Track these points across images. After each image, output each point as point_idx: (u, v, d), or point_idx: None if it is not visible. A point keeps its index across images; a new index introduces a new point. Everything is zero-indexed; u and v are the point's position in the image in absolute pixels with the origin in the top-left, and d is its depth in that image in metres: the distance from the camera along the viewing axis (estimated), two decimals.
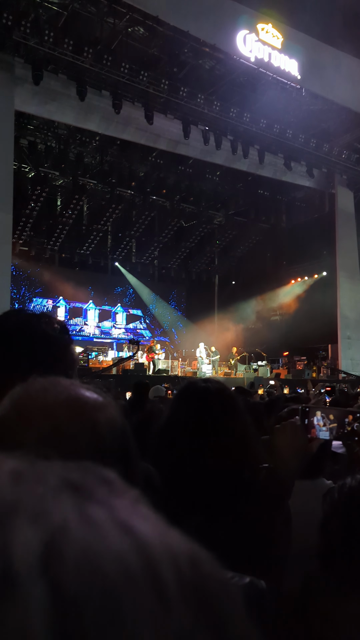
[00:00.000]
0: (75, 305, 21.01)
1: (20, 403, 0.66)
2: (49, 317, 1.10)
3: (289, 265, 22.24)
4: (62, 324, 1.11)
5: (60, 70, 13.66)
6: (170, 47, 14.37)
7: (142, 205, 20.05)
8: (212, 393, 1.37)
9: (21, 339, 1.00)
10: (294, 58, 15.90)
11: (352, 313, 19.31)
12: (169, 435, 1.35)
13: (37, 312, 1.13)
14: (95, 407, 0.68)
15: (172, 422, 1.38)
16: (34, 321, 1.05)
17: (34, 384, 0.69)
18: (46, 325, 1.05)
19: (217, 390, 1.38)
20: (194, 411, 1.34)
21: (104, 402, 0.70)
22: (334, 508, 1.06)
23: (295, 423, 1.48)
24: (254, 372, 17.09)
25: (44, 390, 0.67)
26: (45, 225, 19.51)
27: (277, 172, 18.41)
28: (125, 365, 15.26)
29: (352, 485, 1.07)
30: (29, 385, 0.68)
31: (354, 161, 18.16)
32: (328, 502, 1.09)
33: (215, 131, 15.78)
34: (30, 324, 1.04)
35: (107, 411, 0.69)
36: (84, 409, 0.67)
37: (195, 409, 1.34)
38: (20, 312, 1.13)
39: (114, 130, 15.51)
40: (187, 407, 1.36)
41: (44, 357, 0.97)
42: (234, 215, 22.20)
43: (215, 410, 1.33)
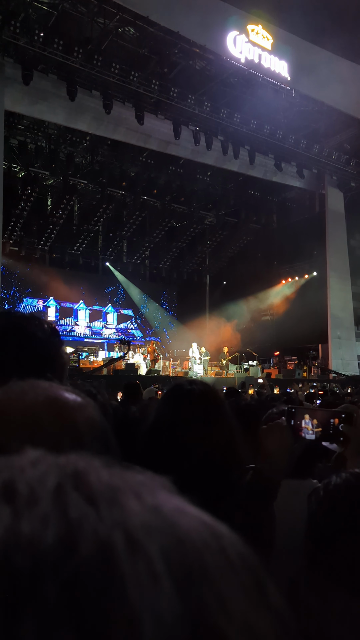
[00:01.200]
0: (66, 306, 20.95)
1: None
2: (39, 319, 1.09)
3: (280, 266, 22.32)
4: (52, 326, 1.11)
5: (50, 70, 13.62)
6: (161, 47, 14.38)
7: (133, 206, 20.04)
8: (197, 395, 1.37)
9: (11, 341, 0.99)
10: (284, 59, 15.97)
11: (343, 313, 19.43)
12: (154, 437, 1.36)
13: (27, 314, 1.13)
14: (73, 408, 0.68)
15: (157, 424, 1.38)
16: (24, 323, 1.05)
17: (12, 386, 0.69)
18: (36, 328, 1.05)
19: (202, 393, 1.38)
20: (179, 413, 1.34)
21: (82, 402, 0.70)
22: (320, 505, 1.08)
23: (281, 423, 1.50)
24: (245, 372, 17.11)
25: (22, 393, 0.68)
26: (36, 225, 19.43)
27: (267, 172, 18.48)
28: (116, 365, 15.23)
29: (337, 483, 1.08)
30: (7, 388, 0.68)
31: (343, 162, 18.27)
32: (314, 500, 1.10)
33: (205, 132, 15.81)
34: (20, 326, 1.03)
35: (85, 411, 0.69)
36: (62, 409, 0.67)
37: (180, 411, 1.34)
38: (10, 313, 1.12)
39: (105, 130, 15.49)
40: (173, 409, 1.36)
41: (33, 360, 0.97)
42: (224, 216, 22.24)
43: (199, 412, 1.33)
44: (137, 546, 0.23)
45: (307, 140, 17.19)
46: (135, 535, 0.23)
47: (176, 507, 0.26)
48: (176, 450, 1.27)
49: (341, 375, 17.32)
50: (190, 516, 0.26)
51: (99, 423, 0.70)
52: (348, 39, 17.53)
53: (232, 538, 0.27)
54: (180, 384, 1.43)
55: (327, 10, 17.47)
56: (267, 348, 20.51)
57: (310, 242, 20.31)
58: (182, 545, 0.24)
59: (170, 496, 0.27)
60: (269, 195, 22.08)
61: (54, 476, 0.26)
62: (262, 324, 22.02)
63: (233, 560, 0.25)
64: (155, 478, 0.29)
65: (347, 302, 19.65)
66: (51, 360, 1.02)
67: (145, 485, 0.27)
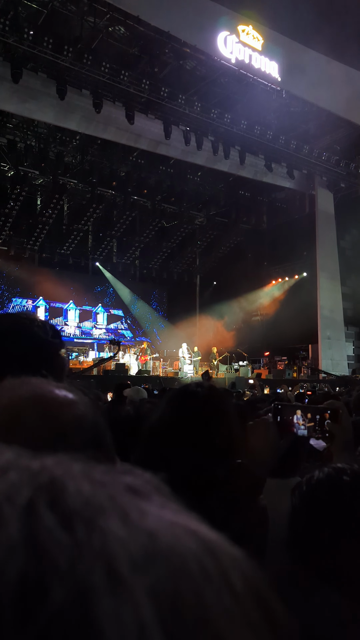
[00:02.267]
0: (56, 306, 20.86)
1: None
2: (42, 321, 1.11)
3: (270, 266, 22.39)
4: (53, 329, 1.13)
5: (40, 69, 13.55)
6: (151, 47, 14.35)
7: (123, 205, 19.99)
8: (204, 397, 1.38)
9: (13, 342, 1.00)
10: (275, 60, 16.02)
11: (332, 313, 19.52)
12: (156, 437, 1.36)
13: (31, 315, 1.15)
14: (61, 404, 0.67)
15: (162, 424, 1.39)
16: (27, 324, 1.06)
17: (3, 384, 0.69)
18: (38, 329, 1.06)
19: (208, 396, 1.39)
20: (185, 415, 1.35)
21: (72, 399, 0.70)
22: (302, 500, 1.08)
23: (266, 420, 1.49)
24: (235, 372, 17.15)
25: (11, 389, 0.67)
26: (25, 225, 19.32)
27: (257, 173, 18.52)
28: (106, 366, 15.19)
29: (319, 477, 1.08)
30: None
31: (333, 163, 18.36)
32: (297, 495, 1.10)
33: (196, 132, 15.81)
34: (23, 327, 1.05)
35: (74, 408, 0.68)
36: (48, 405, 0.66)
37: (184, 413, 1.35)
38: (13, 315, 1.14)
39: (95, 130, 15.42)
40: (179, 411, 1.37)
41: (34, 361, 0.98)
42: (215, 216, 22.27)
43: (205, 414, 1.34)
44: (122, 587, 0.19)
45: (297, 140, 17.25)
46: (119, 571, 0.19)
47: (168, 525, 0.22)
48: (178, 450, 1.27)
49: (331, 376, 17.39)
50: (184, 535, 0.22)
51: (90, 419, 0.69)
52: (338, 41, 17.62)
53: (232, 555, 0.23)
54: (187, 386, 1.46)
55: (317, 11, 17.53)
56: (257, 348, 20.56)
57: (300, 242, 20.39)
58: (176, 582, 0.20)
59: (162, 507, 0.24)
60: (259, 195, 22.14)
61: (26, 489, 0.22)
62: (252, 324, 22.06)
63: (237, 590, 0.22)
64: (146, 480, 0.26)
65: (336, 302, 19.74)
66: (50, 360, 1.04)
67: (133, 493, 0.24)
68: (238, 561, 0.23)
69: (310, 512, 1.04)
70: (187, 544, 0.22)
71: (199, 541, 0.22)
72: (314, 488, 1.07)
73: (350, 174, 19.09)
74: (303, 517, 1.05)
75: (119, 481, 0.25)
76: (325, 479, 1.07)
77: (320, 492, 1.06)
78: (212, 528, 0.23)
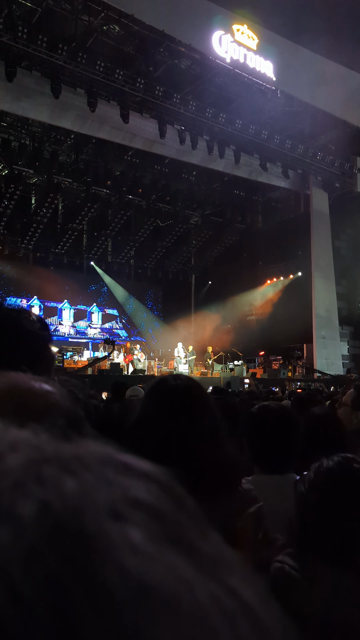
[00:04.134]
0: (50, 305, 20.80)
1: None
2: (29, 313, 1.09)
3: (265, 266, 22.40)
4: (41, 321, 1.11)
5: (34, 67, 13.50)
6: (146, 46, 14.33)
7: (117, 205, 19.95)
8: (182, 390, 1.36)
9: (0, 334, 0.99)
10: (269, 59, 16.02)
11: (327, 313, 19.55)
12: (138, 432, 1.35)
13: (18, 307, 1.13)
14: (35, 394, 0.66)
15: (142, 418, 1.38)
16: (14, 316, 1.05)
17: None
18: (26, 321, 1.05)
19: (186, 388, 1.37)
20: (163, 408, 1.33)
21: (47, 389, 0.68)
22: (312, 487, 1.09)
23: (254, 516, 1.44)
24: (230, 371, 17.15)
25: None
26: (20, 224, 19.26)
27: (252, 172, 18.53)
28: (101, 365, 15.16)
29: (329, 466, 1.10)
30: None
31: (328, 162, 18.39)
32: (305, 482, 1.11)
33: (191, 131, 15.79)
34: (10, 319, 1.03)
35: (49, 397, 0.67)
36: (23, 395, 0.65)
37: (165, 406, 1.33)
38: (1, 306, 1.12)
39: (89, 129, 15.38)
40: (157, 404, 1.36)
41: (22, 353, 0.97)
42: (210, 216, 22.26)
43: (184, 407, 1.33)
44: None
45: (292, 140, 17.27)
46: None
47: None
48: (160, 444, 1.26)
49: (326, 375, 17.43)
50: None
51: (65, 408, 0.67)
52: (333, 41, 17.70)
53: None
54: (164, 379, 1.43)
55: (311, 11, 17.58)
56: (252, 348, 20.57)
57: (295, 242, 20.41)
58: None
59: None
60: (254, 195, 22.15)
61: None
62: (247, 323, 22.08)
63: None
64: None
65: (331, 302, 19.78)
66: (38, 352, 1.02)
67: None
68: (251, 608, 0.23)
69: (322, 499, 1.05)
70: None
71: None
72: (325, 476, 1.09)
73: (345, 173, 19.13)
74: (313, 505, 1.06)
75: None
76: (336, 467, 1.09)
77: (332, 479, 1.07)
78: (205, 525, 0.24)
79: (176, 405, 1.33)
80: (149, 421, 1.35)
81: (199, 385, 1.44)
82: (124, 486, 0.23)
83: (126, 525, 0.21)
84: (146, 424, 1.34)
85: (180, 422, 1.29)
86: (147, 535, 0.21)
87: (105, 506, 0.21)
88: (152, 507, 0.23)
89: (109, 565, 0.19)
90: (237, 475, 1.35)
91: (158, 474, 0.25)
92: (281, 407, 2.13)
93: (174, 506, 0.24)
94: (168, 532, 0.22)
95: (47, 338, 1.09)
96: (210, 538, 0.24)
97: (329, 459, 1.12)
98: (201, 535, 0.24)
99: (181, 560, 0.21)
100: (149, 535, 0.21)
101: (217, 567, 0.22)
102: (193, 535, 0.23)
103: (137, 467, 0.25)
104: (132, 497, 0.23)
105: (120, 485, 0.23)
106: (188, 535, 0.23)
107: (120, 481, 0.23)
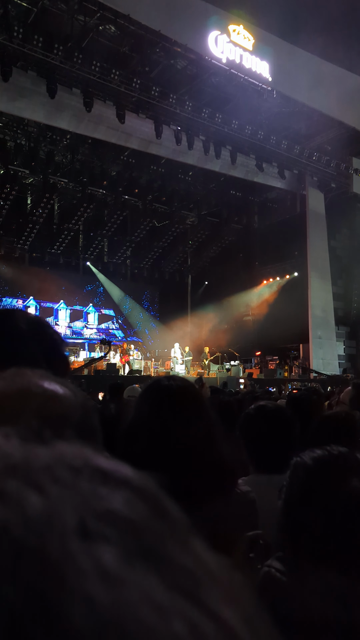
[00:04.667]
0: (46, 305, 20.74)
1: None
2: (47, 322, 1.16)
3: (261, 266, 22.42)
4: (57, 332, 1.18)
5: (30, 67, 13.47)
6: (142, 46, 14.32)
7: (113, 205, 19.93)
8: (175, 391, 1.35)
9: (37, 339, 1.02)
10: (265, 60, 16.04)
11: (323, 313, 19.59)
12: (133, 433, 1.34)
13: (40, 317, 1.20)
14: (48, 398, 0.65)
15: (136, 419, 1.37)
16: (43, 322, 1.12)
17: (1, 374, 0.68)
18: (51, 329, 1.12)
19: (180, 389, 1.37)
20: (157, 409, 1.32)
21: (59, 393, 0.67)
22: (291, 481, 1.09)
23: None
24: (227, 372, 17.15)
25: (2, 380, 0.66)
26: (15, 224, 19.20)
27: (249, 173, 18.54)
28: (97, 365, 15.13)
29: (306, 458, 1.10)
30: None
31: (324, 163, 18.42)
32: (300, 469, 1.11)
33: (187, 131, 15.79)
34: (42, 326, 1.09)
35: (60, 402, 0.66)
36: (31, 398, 0.64)
37: (158, 406, 1.33)
38: (27, 313, 1.15)
39: (85, 129, 15.36)
40: (151, 405, 1.35)
41: (53, 358, 1.01)
42: (206, 216, 22.26)
43: (177, 407, 1.32)
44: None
45: (288, 141, 17.29)
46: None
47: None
48: (155, 446, 1.25)
49: (322, 375, 17.45)
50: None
51: (79, 415, 0.67)
52: (328, 41, 17.73)
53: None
54: (158, 380, 1.43)
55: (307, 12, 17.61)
56: (249, 348, 20.58)
57: (292, 242, 20.44)
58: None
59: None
60: (250, 195, 22.17)
61: None
62: (244, 324, 22.08)
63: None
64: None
65: (327, 302, 19.81)
66: (56, 353, 1.06)
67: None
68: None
69: (301, 493, 1.05)
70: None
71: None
72: (302, 469, 1.08)
73: (341, 174, 19.16)
74: (294, 501, 1.06)
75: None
76: (313, 459, 1.08)
77: (308, 471, 1.07)
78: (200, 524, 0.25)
79: (170, 406, 1.32)
80: (142, 422, 1.34)
81: (193, 386, 1.44)
82: (98, 497, 0.21)
83: (96, 544, 0.19)
84: (140, 425, 1.34)
85: (174, 423, 1.29)
86: (119, 554, 0.19)
87: (72, 524, 0.19)
88: (128, 519, 0.21)
89: (73, 596, 0.17)
90: (232, 476, 1.34)
91: (138, 480, 0.24)
92: (278, 407, 2.13)
93: (154, 516, 0.22)
94: (144, 547, 0.20)
95: (64, 344, 1.13)
96: (193, 549, 0.22)
97: (308, 453, 1.11)
98: (182, 547, 0.22)
99: (157, 582, 0.19)
100: (122, 554, 0.19)
101: (198, 585, 0.20)
102: (173, 548, 0.21)
103: (114, 474, 0.23)
104: (105, 509, 0.21)
105: (93, 497, 0.21)
106: (167, 548, 0.21)
107: (93, 492, 0.22)
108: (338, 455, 1.07)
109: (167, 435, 1.26)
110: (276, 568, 1.03)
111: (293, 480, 1.08)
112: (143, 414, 1.36)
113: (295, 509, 1.04)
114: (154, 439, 1.27)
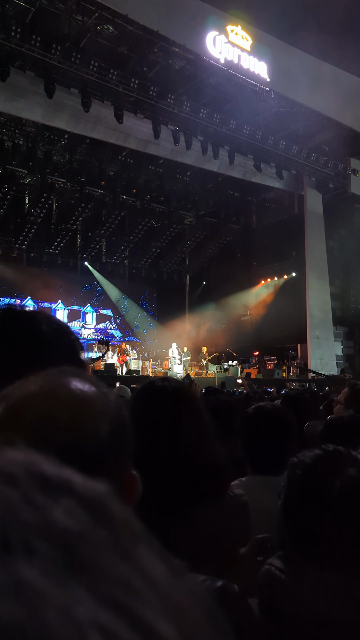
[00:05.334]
0: (44, 306, 20.70)
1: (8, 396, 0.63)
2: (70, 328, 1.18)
3: (259, 266, 22.43)
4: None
5: (27, 67, 13.45)
6: (140, 46, 14.32)
7: (112, 205, 19.92)
8: (169, 392, 1.35)
9: (59, 344, 1.03)
10: (263, 60, 16.04)
11: (321, 313, 19.61)
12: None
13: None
14: (83, 402, 0.64)
15: (132, 422, 1.37)
16: (67, 328, 1.13)
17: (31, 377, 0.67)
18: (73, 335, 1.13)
19: (174, 390, 1.36)
20: (150, 410, 1.32)
21: (95, 396, 0.67)
22: (289, 481, 1.10)
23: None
24: (225, 372, 17.16)
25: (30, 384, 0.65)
26: (13, 224, 19.19)
27: (247, 173, 18.55)
28: (95, 365, 15.12)
29: (303, 457, 1.11)
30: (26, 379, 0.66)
31: (322, 163, 18.43)
32: (289, 473, 1.11)
33: (185, 131, 15.79)
34: (64, 331, 1.10)
35: (96, 406, 0.66)
36: (67, 403, 0.63)
37: (152, 408, 1.33)
38: (50, 316, 1.17)
39: (83, 129, 15.35)
40: (144, 406, 1.34)
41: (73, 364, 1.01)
42: (204, 216, 22.26)
43: (170, 409, 1.32)
44: None
45: (286, 141, 17.29)
46: None
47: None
48: (148, 447, 1.25)
49: (320, 375, 17.47)
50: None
51: (116, 421, 0.70)
52: (327, 42, 17.77)
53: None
54: (152, 381, 1.43)
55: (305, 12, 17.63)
56: (247, 348, 20.59)
57: (290, 242, 20.45)
58: None
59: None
60: (248, 195, 22.18)
61: None
62: (242, 324, 22.08)
63: None
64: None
65: (325, 302, 19.84)
66: (80, 365, 1.09)
67: None
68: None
69: (299, 492, 1.06)
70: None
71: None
72: (300, 468, 1.09)
73: (339, 174, 19.18)
74: (292, 500, 1.07)
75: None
76: (311, 457, 1.09)
77: (305, 472, 1.07)
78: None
79: (163, 407, 1.32)
80: (136, 423, 1.34)
81: (187, 387, 1.44)
82: (32, 507, 0.20)
83: (19, 559, 0.18)
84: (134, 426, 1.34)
85: (167, 424, 1.28)
86: (44, 567, 0.18)
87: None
88: (62, 530, 0.20)
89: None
90: (225, 479, 1.34)
91: (83, 488, 0.23)
92: (276, 408, 2.13)
93: (95, 525, 0.21)
94: (76, 559, 0.19)
95: (82, 346, 1.14)
96: (136, 558, 0.21)
97: (303, 452, 1.12)
98: (122, 557, 0.20)
99: (83, 596, 0.18)
100: (48, 567, 0.18)
101: (133, 597, 0.19)
102: (109, 558, 0.20)
103: (59, 481, 0.22)
104: (36, 520, 0.20)
105: (25, 507, 0.20)
106: (102, 559, 0.20)
107: (28, 501, 0.20)
108: (334, 451, 1.08)
109: (160, 436, 1.26)
110: (276, 566, 1.03)
111: (291, 479, 1.09)
112: (137, 415, 1.36)
113: (294, 506, 1.04)
114: (147, 440, 1.26)
